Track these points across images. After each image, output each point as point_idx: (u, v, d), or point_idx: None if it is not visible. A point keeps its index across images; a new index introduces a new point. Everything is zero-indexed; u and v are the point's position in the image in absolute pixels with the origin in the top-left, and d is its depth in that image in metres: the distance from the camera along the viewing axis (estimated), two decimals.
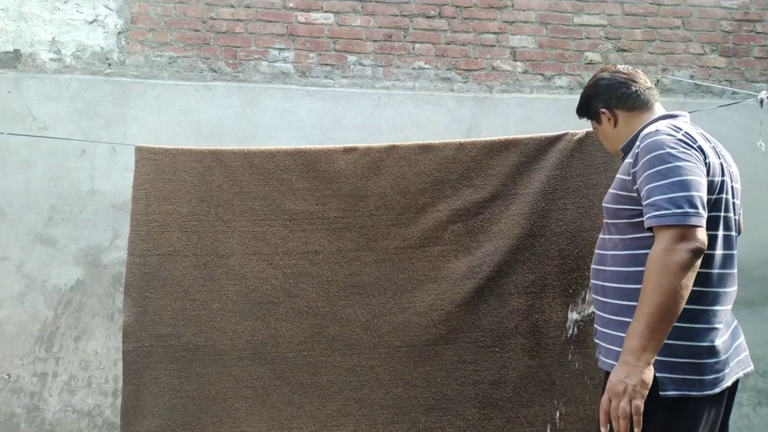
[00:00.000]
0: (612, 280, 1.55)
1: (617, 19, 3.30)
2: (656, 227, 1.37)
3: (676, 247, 1.32)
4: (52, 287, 2.87)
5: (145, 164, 2.33)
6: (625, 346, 1.35)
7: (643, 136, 1.51)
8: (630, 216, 1.52)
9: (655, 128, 1.51)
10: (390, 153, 2.35)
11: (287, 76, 3.12)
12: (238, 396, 2.24)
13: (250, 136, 3.01)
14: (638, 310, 1.35)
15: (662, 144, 1.44)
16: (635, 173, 1.48)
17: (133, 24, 3.05)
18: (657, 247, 1.35)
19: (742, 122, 3.23)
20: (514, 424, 2.21)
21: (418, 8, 3.20)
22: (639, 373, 1.31)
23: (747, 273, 3.19)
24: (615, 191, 1.59)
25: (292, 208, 2.33)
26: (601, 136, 1.80)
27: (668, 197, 1.36)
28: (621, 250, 1.54)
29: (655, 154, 1.43)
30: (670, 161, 1.40)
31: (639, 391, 1.31)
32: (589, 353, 2.21)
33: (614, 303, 1.54)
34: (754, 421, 3.12)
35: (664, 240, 1.34)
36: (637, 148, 1.49)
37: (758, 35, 3.37)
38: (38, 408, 2.81)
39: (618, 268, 1.54)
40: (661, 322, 1.32)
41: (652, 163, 1.42)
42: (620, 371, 1.34)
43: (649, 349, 1.32)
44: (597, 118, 1.75)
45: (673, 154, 1.41)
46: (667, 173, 1.39)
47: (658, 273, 1.32)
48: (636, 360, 1.32)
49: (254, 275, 2.29)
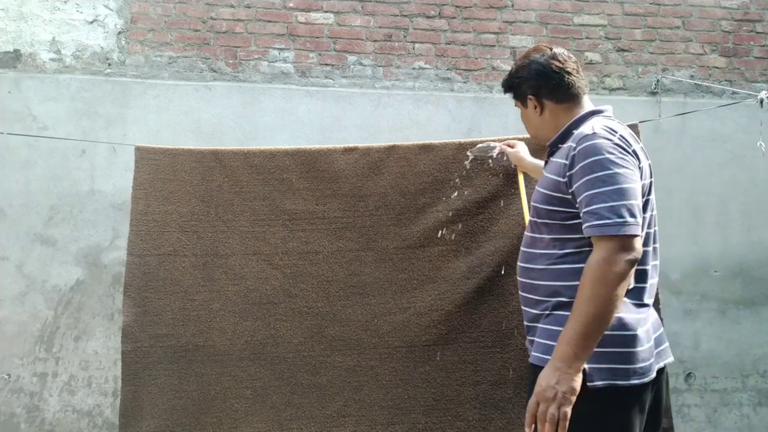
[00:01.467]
0: (543, 278, 1.54)
1: (617, 19, 3.30)
2: (597, 236, 1.37)
3: (615, 258, 1.34)
4: (52, 287, 2.87)
5: (145, 164, 2.33)
6: (558, 352, 1.35)
7: (579, 138, 1.48)
8: (563, 218, 1.51)
9: (590, 129, 1.48)
10: (390, 153, 2.35)
11: (287, 76, 3.12)
12: (238, 396, 2.23)
13: (250, 136, 3.01)
14: (573, 318, 1.35)
15: (601, 149, 1.42)
16: (571, 176, 1.46)
17: (133, 24, 3.05)
18: (597, 256, 1.35)
19: (742, 122, 3.23)
20: (515, 425, 2.21)
21: (418, 8, 3.20)
22: (570, 380, 1.32)
23: (747, 273, 3.20)
24: (547, 192, 1.55)
25: (292, 208, 2.33)
26: (523, 118, 1.76)
27: (609, 206, 1.36)
28: (553, 249, 1.53)
29: (595, 160, 1.42)
30: (609, 168, 1.40)
31: (568, 398, 1.32)
32: None
33: (547, 300, 1.53)
34: (754, 421, 3.12)
35: (604, 250, 1.35)
36: (573, 150, 1.47)
37: (758, 35, 3.37)
38: (38, 408, 2.81)
39: (550, 267, 1.53)
40: (594, 331, 1.33)
41: (591, 169, 1.41)
42: (551, 376, 1.34)
43: (581, 357, 1.33)
44: (523, 101, 1.71)
45: (612, 160, 1.41)
46: (606, 180, 1.39)
47: (596, 283, 1.33)
48: (568, 367, 1.33)
49: (254, 275, 2.29)
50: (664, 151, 3.18)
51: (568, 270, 1.49)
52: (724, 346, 3.14)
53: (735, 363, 3.13)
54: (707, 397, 3.12)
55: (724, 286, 3.17)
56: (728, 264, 3.18)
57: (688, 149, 3.22)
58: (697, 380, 3.12)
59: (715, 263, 3.18)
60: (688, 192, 3.20)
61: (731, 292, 3.17)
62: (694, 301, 3.15)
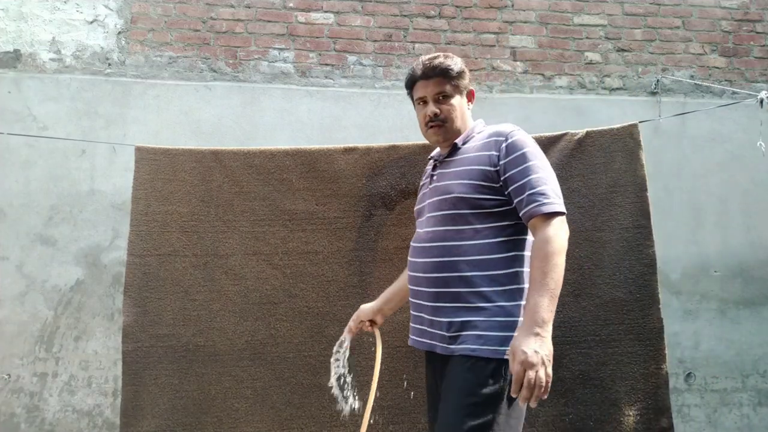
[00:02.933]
0: (479, 269, 1.57)
1: (617, 19, 3.30)
2: (547, 213, 1.51)
3: (563, 231, 1.52)
4: (52, 287, 2.87)
5: (144, 164, 2.33)
6: (533, 320, 1.42)
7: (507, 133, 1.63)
8: (492, 206, 1.60)
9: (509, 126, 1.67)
10: (390, 153, 2.35)
11: (287, 76, 3.12)
12: (238, 396, 2.23)
13: (250, 136, 3.01)
14: (539, 287, 1.45)
15: (529, 141, 1.63)
16: (506, 164, 1.59)
17: (133, 24, 3.05)
18: (551, 230, 1.49)
19: (742, 122, 3.23)
20: None
21: (418, 8, 3.20)
22: (549, 343, 1.42)
23: (747, 273, 3.20)
24: (474, 182, 1.62)
25: (292, 208, 2.33)
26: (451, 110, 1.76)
27: (551, 187, 1.55)
28: (484, 239, 1.59)
29: (529, 150, 1.59)
30: (541, 156, 1.61)
31: (550, 360, 1.41)
32: (590, 353, 2.21)
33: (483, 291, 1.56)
34: (754, 421, 3.12)
35: (555, 225, 1.51)
36: (504, 142, 1.61)
37: (758, 35, 3.37)
38: (38, 408, 2.81)
39: (482, 257, 1.58)
40: (556, 295, 1.46)
41: (528, 157, 1.58)
42: (532, 343, 1.40)
43: (550, 320, 1.44)
44: (461, 91, 1.77)
45: (539, 150, 1.62)
46: (543, 166, 1.59)
47: (556, 253, 1.47)
48: (544, 331, 1.42)
49: (254, 275, 2.29)
50: (664, 151, 3.18)
51: (505, 258, 1.58)
52: (724, 346, 3.14)
53: (735, 363, 3.13)
54: (707, 397, 3.12)
55: (724, 286, 3.17)
56: (728, 264, 3.18)
57: (688, 149, 3.22)
58: (697, 380, 3.12)
59: (715, 263, 3.18)
60: (688, 192, 3.20)
61: (731, 292, 3.17)
62: (694, 301, 3.15)
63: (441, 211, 1.65)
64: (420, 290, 1.67)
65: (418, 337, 1.71)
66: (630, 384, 2.17)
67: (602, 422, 2.17)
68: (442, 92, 1.74)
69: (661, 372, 2.16)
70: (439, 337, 1.62)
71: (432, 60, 1.76)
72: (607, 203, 2.26)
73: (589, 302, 2.23)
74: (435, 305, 1.62)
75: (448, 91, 1.75)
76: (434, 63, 1.75)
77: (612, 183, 2.26)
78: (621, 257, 2.23)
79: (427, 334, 1.67)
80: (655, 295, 2.20)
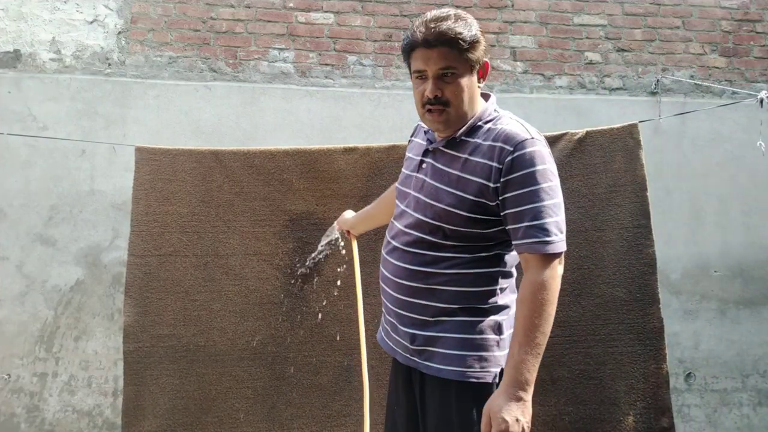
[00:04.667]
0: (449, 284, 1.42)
1: (617, 19, 3.30)
2: (546, 253, 1.29)
3: (557, 274, 1.31)
4: (52, 287, 2.87)
5: (145, 164, 2.33)
6: (515, 380, 1.26)
7: (516, 142, 1.33)
8: (484, 227, 1.38)
9: (525, 132, 1.36)
10: (390, 153, 2.35)
11: (287, 76, 3.12)
12: (239, 396, 2.24)
13: (250, 136, 3.01)
14: (527, 342, 1.26)
15: (544, 157, 1.34)
16: (507, 183, 1.33)
17: (133, 24, 3.05)
18: (547, 274, 1.28)
19: (742, 122, 3.23)
20: None
21: (418, 8, 3.20)
22: (530, 409, 1.27)
23: (747, 273, 3.20)
24: (468, 196, 1.37)
25: (292, 208, 2.33)
26: (457, 92, 1.39)
27: (555, 221, 1.31)
28: (461, 253, 1.41)
29: (540, 169, 1.32)
30: (551, 179, 1.33)
31: (530, 428, 1.27)
32: (590, 352, 2.21)
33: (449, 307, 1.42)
34: (754, 421, 3.12)
35: (552, 268, 1.30)
36: (510, 155, 1.33)
37: (758, 35, 3.37)
38: (38, 408, 2.81)
39: (459, 271, 1.41)
40: (543, 351, 1.28)
41: (536, 179, 1.31)
42: (514, 409, 1.24)
43: (534, 379, 1.28)
44: (470, 66, 1.39)
45: (552, 171, 1.34)
46: (552, 192, 1.32)
47: (549, 302, 1.28)
48: (527, 395, 1.26)
49: (254, 275, 2.29)
50: (664, 151, 3.18)
51: (479, 275, 1.41)
52: (724, 346, 3.14)
53: (735, 363, 3.14)
54: (707, 397, 3.12)
55: (724, 286, 3.17)
56: (728, 264, 3.18)
57: (688, 149, 3.22)
58: (697, 380, 3.12)
59: (715, 263, 3.18)
60: (688, 192, 3.20)
61: (731, 292, 3.17)
62: (694, 301, 3.15)
63: (425, 217, 1.44)
64: (388, 292, 1.52)
65: (385, 337, 1.60)
66: (630, 383, 2.17)
67: (602, 422, 2.17)
68: (449, 68, 1.37)
69: (661, 372, 2.16)
70: (402, 347, 1.50)
71: (438, 23, 1.36)
72: (607, 203, 2.26)
73: (589, 302, 2.23)
74: (400, 312, 1.48)
75: (456, 68, 1.37)
76: (441, 28, 1.35)
77: (612, 183, 2.26)
78: (621, 257, 2.23)
79: (391, 339, 1.55)
80: (655, 295, 2.20)
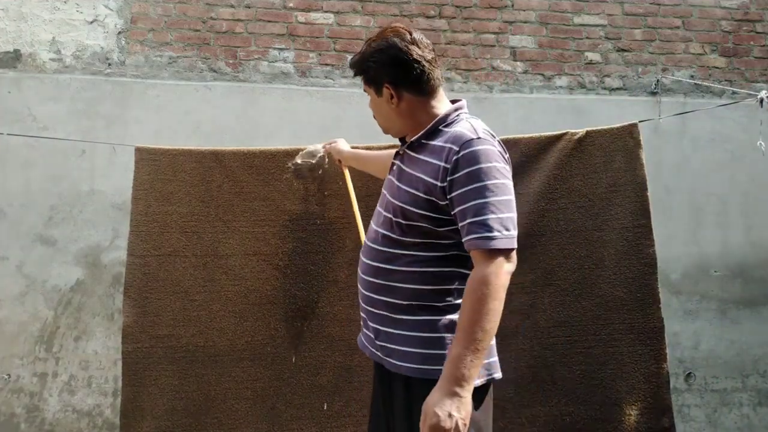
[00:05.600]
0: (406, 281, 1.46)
1: (617, 19, 3.30)
2: (488, 249, 1.31)
3: (502, 271, 1.31)
4: (52, 287, 2.86)
5: (144, 165, 2.32)
6: (452, 375, 1.27)
7: (463, 142, 1.38)
8: (434, 224, 1.42)
9: (473, 132, 1.41)
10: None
11: (287, 76, 3.11)
12: (238, 397, 2.23)
13: (250, 136, 3.01)
14: (465, 337, 1.28)
15: (489, 156, 1.37)
16: (453, 182, 1.36)
17: (133, 24, 3.05)
18: (486, 270, 1.30)
19: (742, 122, 3.23)
20: (515, 425, 2.20)
21: (418, 8, 3.20)
22: (467, 405, 1.27)
23: (747, 273, 3.20)
24: (417, 193, 1.43)
25: (292, 208, 2.33)
26: (374, 107, 1.57)
27: (498, 218, 1.32)
28: (418, 251, 1.45)
29: (485, 167, 1.35)
30: (497, 177, 1.35)
31: (466, 424, 1.27)
32: (591, 352, 2.21)
33: (405, 303, 1.46)
34: (754, 421, 3.12)
35: (494, 264, 1.30)
36: (456, 154, 1.37)
37: (758, 35, 3.37)
38: (38, 408, 2.81)
39: (416, 269, 1.45)
40: (486, 347, 1.29)
41: (480, 176, 1.34)
42: (448, 403, 1.25)
43: (474, 375, 1.28)
44: (377, 88, 1.51)
45: (499, 169, 1.36)
46: (495, 190, 1.34)
47: (490, 297, 1.29)
48: (464, 390, 1.26)
49: (254, 276, 2.29)
50: (664, 151, 3.18)
51: (435, 273, 1.44)
52: (724, 346, 3.14)
53: (735, 363, 3.14)
54: (707, 397, 3.12)
55: (724, 286, 3.17)
56: (728, 264, 3.18)
57: (688, 149, 3.22)
58: (697, 380, 3.12)
59: (715, 263, 3.18)
60: (688, 192, 3.20)
61: (731, 292, 3.17)
62: (694, 301, 3.15)
63: (388, 214, 1.50)
64: (359, 289, 1.59)
65: (361, 335, 1.66)
66: (631, 384, 2.17)
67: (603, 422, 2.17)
68: (367, 91, 1.56)
69: (661, 372, 2.16)
70: (370, 341, 1.56)
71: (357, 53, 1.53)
72: (607, 203, 2.26)
73: (590, 302, 2.23)
74: (367, 309, 1.55)
75: (367, 91, 1.56)
76: (354, 58, 1.53)
77: (612, 182, 2.26)
78: (621, 257, 2.22)
79: (364, 335, 1.61)
80: (656, 295, 2.20)
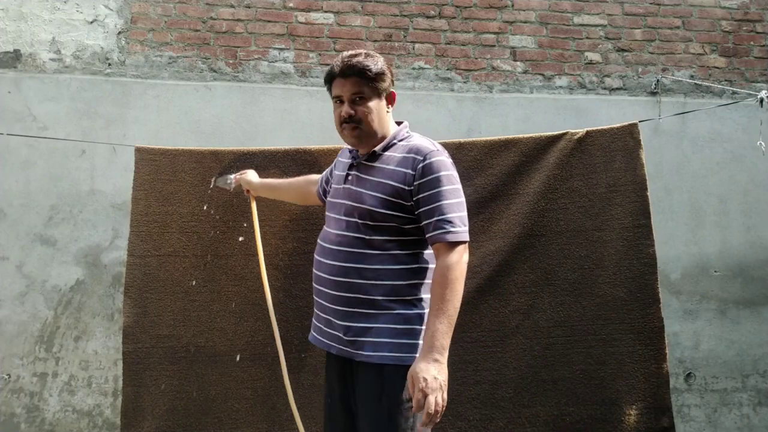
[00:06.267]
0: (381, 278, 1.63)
1: (617, 19, 3.30)
2: (452, 241, 1.57)
3: (463, 259, 1.58)
4: (52, 287, 2.86)
5: (144, 165, 2.33)
6: (433, 345, 1.50)
7: (426, 152, 1.63)
8: (401, 222, 1.64)
9: (432, 145, 1.67)
10: None
11: (287, 76, 3.11)
12: (239, 397, 2.23)
13: (250, 136, 3.01)
14: (438, 313, 1.52)
15: (447, 165, 1.64)
16: (420, 186, 1.60)
17: (133, 24, 3.05)
18: (453, 258, 1.56)
19: (742, 122, 3.23)
20: (516, 425, 2.21)
21: (418, 8, 3.20)
22: (445, 368, 1.50)
23: (747, 273, 3.20)
24: (387, 197, 1.63)
25: (292, 208, 2.33)
26: (366, 112, 1.69)
27: (458, 215, 1.60)
28: (390, 250, 1.64)
29: (445, 174, 1.61)
30: (454, 183, 1.63)
31: (446, 385, 1.49)
32: (591, 352, 2.21)
33: (383, 299, 1.62)
34: (754, 421, 3.12)
35: (458, 253, 1.57)
36: (422, 162, 1.61)
37: (758, 35, 3.37)
38: (38, 408, 2.81)
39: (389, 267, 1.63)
40: (454, 322, 1.54)
41: (442, 182, 1.60)
42: (432, 368, 1.48)
43: (448, 345, 1.52)
44: (379, 93, 1.71)
45: (454, 176, 1.65)
46: (455, 193, 1.62)
47: (456, 281, 1.55)
48: (443, 357, 1.50)
49: (254, 276, 2.29)
50: (664, 151, 3.18)
51: (408, 270, 1.65)
52: (724, 346, 3.14)
53: (735, 363, 3.14)
54: (707, 397, 3.12)
55: (724, 286, 3.17)
56: (728, 264, 3.18)
57: (688, 149, 3.22)
58: (697, 380, 3.12)
59: (715, 263, 3.18)
60: (688, 192, 3.20)
61: (731, 292, 3.17)
62: (694, 301, 3.15)
63: (352, 218, 1.67)
64: (323, 291, 1.72)
65: (318, 335, 1.78)
66: (631, 383, 2.17)
67: (603, 422, 2.17)
68: (359, 93, 1.68)
69: (661, 371, 2.16)
70: (337, 339, 1.68)
71: (351, 58, 1.69)
72: (607, 203, 2.26)
73: (590, 301, 2.23)
74: (335, 308, 1.68)
75: (365, 93, 1.69)
76: (353, 62, 1.68)
77: (612, 182, 2.26)
78: (621, 256, 2.23)
79: (326, 335, 1.73)
80: (656, 295, 2.20)
